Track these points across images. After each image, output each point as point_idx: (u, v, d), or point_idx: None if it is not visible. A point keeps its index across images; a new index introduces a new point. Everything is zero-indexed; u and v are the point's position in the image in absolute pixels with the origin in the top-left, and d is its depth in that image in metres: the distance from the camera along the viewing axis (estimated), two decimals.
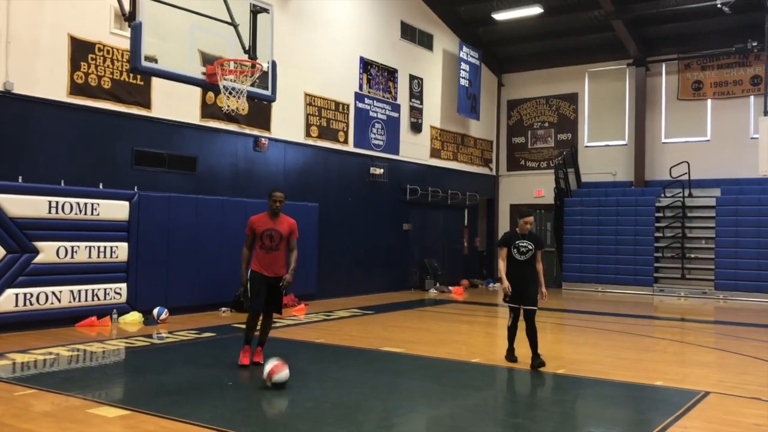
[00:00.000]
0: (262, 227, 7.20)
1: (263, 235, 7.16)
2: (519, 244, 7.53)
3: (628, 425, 5.47)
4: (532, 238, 7.58)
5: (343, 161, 15.07)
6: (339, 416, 5.43)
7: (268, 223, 7.23)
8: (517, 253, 7.51)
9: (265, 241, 7.16)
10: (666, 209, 17.54)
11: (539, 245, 7.63)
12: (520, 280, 7.51)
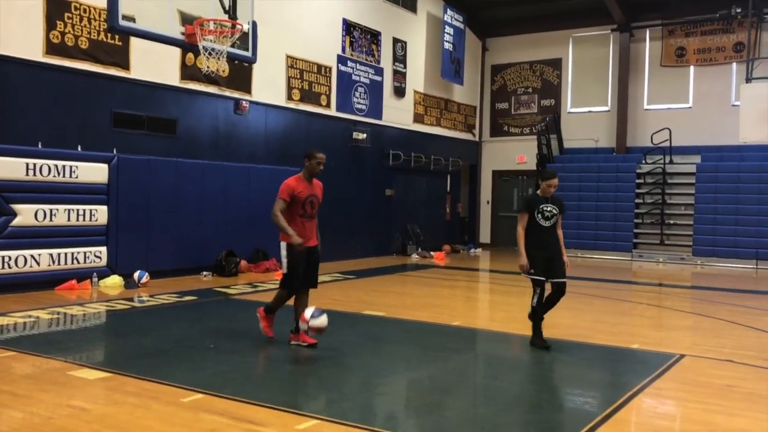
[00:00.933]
0: (305, 193, 6.45)
1: (306, 202, 6.44)
2: (543, 208, 6.70)
3: (606, 387, 5.57)
4: (556, 201, 6.82)
5: (326, 126, 14.96)
6: (319, 379, 5.46)
7: (308, 188, 6.50)
8: (542, 219, 6.68)
9: (307, 208, 6.48)
10: (647, 176, 17.66)
11: (563, 209, 6.89)
12: (545, 248, 6.67)
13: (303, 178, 6.53)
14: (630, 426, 4.54)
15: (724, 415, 4.71)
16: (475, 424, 4.59)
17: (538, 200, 6.76)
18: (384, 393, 5.25)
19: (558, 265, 6.66)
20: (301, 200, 6.43)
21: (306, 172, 6.54)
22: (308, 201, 6.47)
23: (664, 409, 4.93)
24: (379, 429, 4.30)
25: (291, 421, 4.36)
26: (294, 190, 6.41)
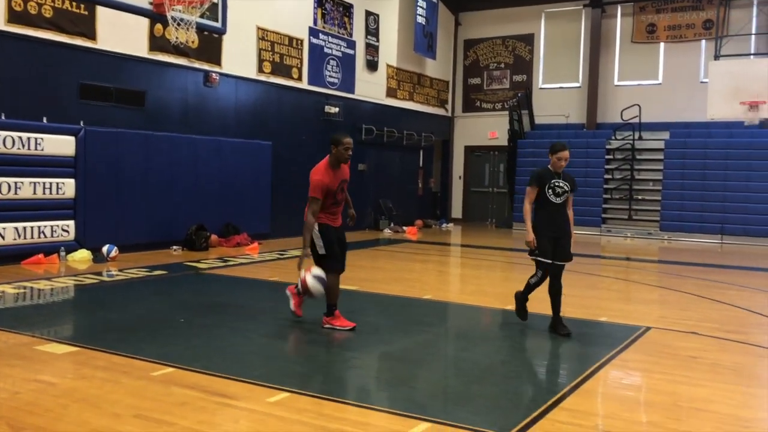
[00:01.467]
0: (335, 182, 6.17)
1: (337, 191, 6.21)
2: (555, 183, 6.24)
3: (574, 358, 5.66)
4: (567, 178, 6.37)
5: (297, 99, 14.82)
6: (292, 351, 5.48)
7: (337, 175, 6.22)
8: (553, 195, 6.23)
9: (338, 196, 6.25)
10: (616, 152, 17.84)
11: (575, 187, 6.43)
12: (554, 227, 6.26)
13: (330, 167, 6.16)
14: (597, 396, 4.64)
15: (688, 385, 4.82)
16: (446, 396, 4.65)
17: (550, 175, 6.28)
18: (355, 366, 5.28)
19: (564, 247, 6.26)
20: (333, 191, 6.14)
21: (333, 160, 6.19)
22: (339, 189, 6.20)
23: (630, 379, 5.04)
24: (350, 401, 4.33)
25: (263, 394, 4.37)
26: (325, 185, 6.07)
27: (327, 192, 6.10)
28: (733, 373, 5.11)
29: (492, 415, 4.16)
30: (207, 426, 3.84)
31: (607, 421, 4.15)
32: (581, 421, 4.06)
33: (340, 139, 6.17)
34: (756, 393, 4.68)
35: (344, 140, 6.16)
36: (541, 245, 6.23)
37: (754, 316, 7.41)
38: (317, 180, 6.05)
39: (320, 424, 3.88)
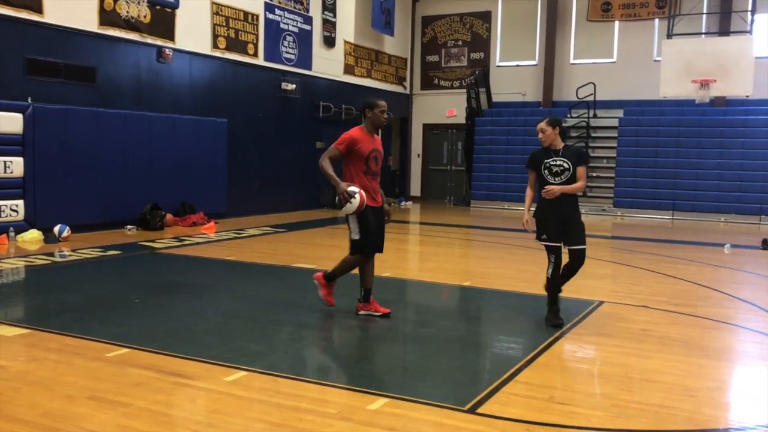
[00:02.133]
0: (369, 147, 5.72)
1: (370, 158, 5.71)
2: (551, 163, 5.78)
3: (528, 333, 5.76)
4: (569, 153, 5.81)
5: (253, 75, 14.61)
6: (249, 331, 5.46)
7: (371, 141, 5.77)
8: (550, 175, 5.77)
9: (371, 165, 5.76)
10: (571, 129, 18.06)
11: (581, 161, 5.79)
12: (556, 209, 5.75)
13: (366, 131, 5.79)
14: (551, 370, 4.73)
15: (639, 357, 4.96)
16: (404, 372, 4.69)
17: (543, 154, 5.86)
18: (314, 344, 5.29)
19: (576, 230, 5.78)
20: (365, 155, 5.69)
21: (369, 124, 5.80)
22: (372, 156, 5.74)
23: (584, 352, 5.15)
24: (308, 379, 4.34)
25: (220, 373, 4.35)
26: (357, 142, 5.65)
27: (357, 153, 5.66)
28: (681, 344, 5.27)
29: (449, 389, 4.22)
30: (164, 406, 3.81)
31: (561, 393, 4.24)
32: (536, 393, 4.15)
33: (374, 101, 5.82)
34: (703, 363, 4.84)
35: (379, 102, 5.80)
36: (547, 229, 5.79)
37: (702, 289, 7.64)
38: (348, 134, 5.71)
39: (277, 402, 3.88)
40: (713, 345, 5.36)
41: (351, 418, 3.67)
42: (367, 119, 5.84)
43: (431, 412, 3.80)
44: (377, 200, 5.87)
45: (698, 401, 4.09)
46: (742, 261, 9.93)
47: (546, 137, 5.79)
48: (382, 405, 3.86)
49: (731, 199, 15.80)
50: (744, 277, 8.67)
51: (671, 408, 3.97)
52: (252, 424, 3.56)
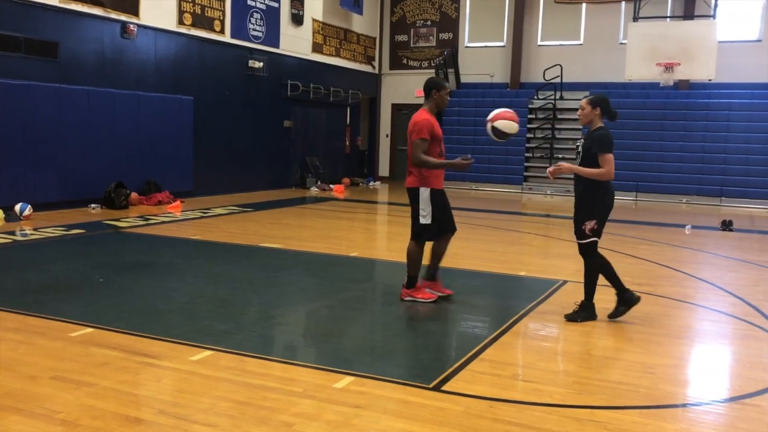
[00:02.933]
0: (440, 128, 5.65)
1: (442, 139, 5.68)
2: (577, 144, 5.46)
3: (493, 312, 5.84)
4: (590, 136, 5.26)
5: (220, 53, 14.42)
6: (215, 310, 5.44)
7: (437, 124, 5.67)
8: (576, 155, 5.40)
9: (442, 146, 5.68)
10: (538, 111, 18.21)
11: (597, 148, 5.14)
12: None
13: (431, 113, 5.65)
14: (515, 348, 4.82)
15: (600, 335, 5.07)
16: (371, 350, 4.73)
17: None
18: (281, 323, 5.30)
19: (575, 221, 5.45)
20: (440, 137, 5.62)
21: (433, 105, 5.68)
22: (441, 138, 5.66)
23: (547, 331, 5.25)
24: (274, 358, 4.35)
25: (186, 352, 4.34)
26: (434, 126, 5.52)
27: (434, 137, 5.54)
28: (642, 323, 5.39)
29: (414, 368, 4.27)
30: (129, 385, 3.80)
31: (524, 370, 4.33)
32: (499, 371, 4.22)
33: (442, 82, 5.70)
34: (662, 341, 4.97)
35: (446, 84, 5.70)
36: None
37: (663, 269, 7.81)
38: (424, 120, 5.53)
39: (244, 381, 3.89)
40: (672, 323, 5.49)
41: (316, 396, 3.70)
42: (431, 100, 5.71)
43: (397, 389, 3.84)
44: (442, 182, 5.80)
45: (657, 378, 4.20)
46: (703, 241, 10.17)
47: (583, 115, 5.30)
48: (348, 383, 3.89)
49: (693, 181, 16.12)
50: (704, 258, 8.88)
51: (631, 384, 4.08)
52: (218, 403, 3.57)
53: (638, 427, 3.46)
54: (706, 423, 3.58)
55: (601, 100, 5.26)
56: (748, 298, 6.40)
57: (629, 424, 3.49)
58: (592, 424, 3.47)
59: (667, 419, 3.60)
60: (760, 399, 3.90)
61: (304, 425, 3.33)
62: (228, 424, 3.33)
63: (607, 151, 5.12)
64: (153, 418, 3.38)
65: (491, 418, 3.50)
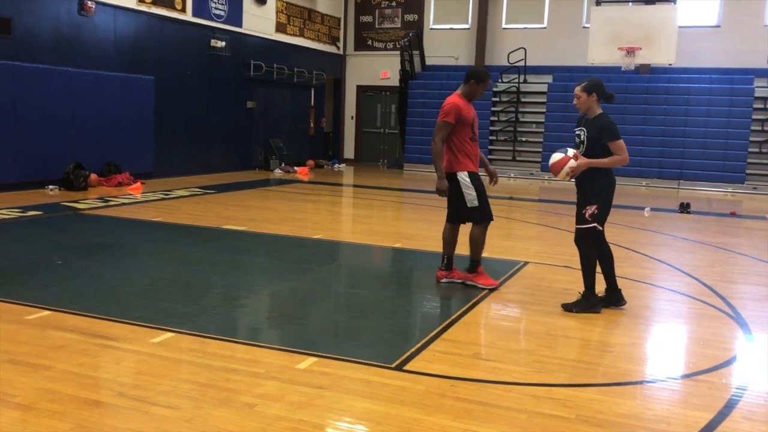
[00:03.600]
0: (471, 112, 5.63)
1: (474, 123, 5.63)
2: (576, 132, 5.32)
3: (455, 292, 5.88)
4: (591, 123, 5.16)
5: (181, 31, 14.15)
6: (176, 292, 5.39)
7: (470, 107, 5.66)
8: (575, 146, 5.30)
9: (476, 130, 5.66)
10: (502, 94, 18.29)
11: (608, 135, 5.04)
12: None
13: (464, 98, 5.65)
14: (476, 327, 4.87)
15: (560, 315, 5.14)
16: (335, 331, 4.74)
17: (578, 121, 5.35)
18: (244, 305, 5.27)
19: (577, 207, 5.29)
20: (470, 121, 5.57)
21: (468, 93, 5.65)
22: (475, 121, 5.65)
23: (508, 311, 5.31)
24: (237, 339, 4.33)
25: (146, 335, 4.29)
26: (462, 109, 5.52)
27: (462, 120, 5.54)
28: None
29: (377, 348, 4.29)
30: (87, 368, 3.75)
31: (485, 349, 4.38)
32: (461, 350, 4.27)
33: (486, 75, 5.67)
34: (619, 321, 5.07)
35: (488, 79, 5.71)
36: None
37: (622, 250, 7.94)
38: (452, 103, 5.54)
39: (205, 363, 3.87)
40: (630, 303, 5.59)
41: (279, 377, 3.70)
42: (469, 87, 5.66)
43: (359, 370, 3.86)
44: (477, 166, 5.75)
45: (614, 356, 4.29)
46: (661, 224, 10.37)
47: (580, 104, 5.18)
48: (311, 364, 3.90)
49: (653, 164, 16.40)
50: (662, 239, 9.06)
51: (589, 363, 4.16)
52: (179, 385, 3.55)
53: (595, 404, 3.53)
54: (662, 399, 3.67)
55: (596, 85, 5.16)
56: (703, 278, 6.56)
57: (587, 401, 3.57)
58: (551, 401, 3.54)
59: (624, 396, 3.68)
60: (712, 375, 4.01)
61: (266, 406, 3.33)
62: (189, 405, 3.31)
63: (618, 137, 5.06)
64: (112, 401, 3.35)
65: (452, 396, 3.54)
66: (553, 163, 5.21)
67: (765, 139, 15.90)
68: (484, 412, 3.36)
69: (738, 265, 7.40)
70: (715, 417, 3.41)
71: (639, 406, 3.55)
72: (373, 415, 3.30)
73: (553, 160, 5.21)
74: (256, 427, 3.11)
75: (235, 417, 3.20)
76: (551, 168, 5.25)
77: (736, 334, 4.88)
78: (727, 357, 4.36)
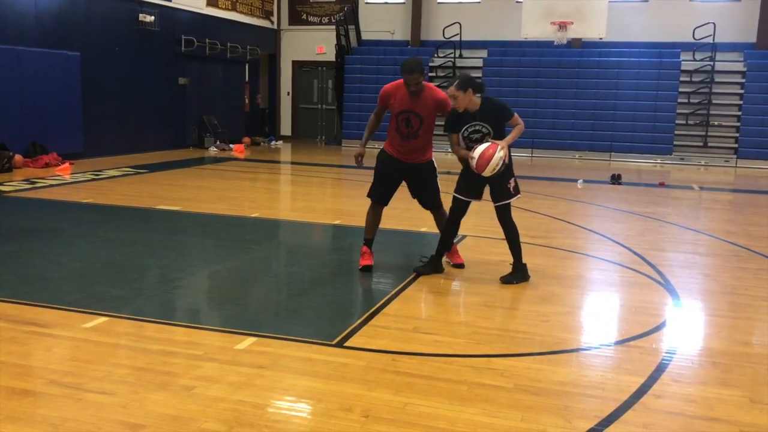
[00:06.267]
0: (398, 105, 5.43)
1: (399, 118, 5.48)
2: (470, 129, 5.29)
3: (396, 268, 5.91)
4: (483, 113, 5.23)
5: (108, 6, 13.62)
6: (110, 275, 5.24)
7: (405, 99, 5.41)
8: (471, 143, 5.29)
9: (401, 126, 5.50)
10: (438, 69, 18.33)
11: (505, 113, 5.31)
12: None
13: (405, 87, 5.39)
14: (416, 302, 4.91)
15: (497, 286, 5.24)
16: (275, 310, 4.70)
17: (462, 120, 5.29)
18: (180, 287, 5.16)
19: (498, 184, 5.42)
20: (394, 113, 5.46)
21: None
22: (401, 117, 5.44)
23: (446, 284, 5.37)
24: (174, 322, 4.25)
25: (78, 320, 4.16)
26: (385, 99, 5.48)
27: (387, 108, 5.54)
28: (536, 274, 5.60)
29: (318, 325, 4.28)
30: (17, 356, 3.61)
31: (425, 323, 4.42)
32: (401, 324, 4.29)
33: (404, 69, 5.34)
34: (555, 291, 5.19)
35: (408, 72, 5.30)
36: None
37: (557, 222, 8.13)
38: (384, 87, 5.59)
39: (142, 347, 3.78)
40: (566, 273, 5.74)
41: (218, 358, 3.65)
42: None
43: (300, 348, 3.84)
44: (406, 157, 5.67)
45: (551, 325, 4.40)
46: (593, 195, 10.64)
47: (458, 103, 5.14)
48: (251, 344, 3.86)
49: (585, 137, 16.78)
50: (594, 210, 9.30)
51: (527, 333, 4.25)
52: (114, 370, 3.46)
53: (532, 372, 3.62)
54: (595, 365, 3.79)
55: (467, 80, 5.16)
56: (634, 247, 6.77)
57: (524, 370, 3.64)
58: (489, 371, 3.60)
59: (560, 364, 3.78)
60: (643, 341, 4.16)
61: (204, 388, 3.28)
62: (125, 390, 3.23)
63: (512, 110, 5.35)
64: (43, 389, 3.24)
65: (393, 371, 3.56)
66: (484, 155, 5.05)
67: (691, 111, 16.47)
68: (425, 385, 3.40)
69: (667, 234, 7.67)
70: (646, 381, 3.54)
71: (574, 373, 3.66)
72: (314, 393, 3.29)
73: (482, 153, 5.06)
74: (195, 409, 3.06)
75: (173, 400, 3.14)
76: (480, 163, 5.06)
77: (665, 300, 5.07)
78: (657, 323, 4.53)
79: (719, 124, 16.42)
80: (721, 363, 3.83)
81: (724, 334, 4.36)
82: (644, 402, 3.30)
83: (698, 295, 5.31)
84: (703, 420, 3.14)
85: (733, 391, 3.45)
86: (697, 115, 16.48)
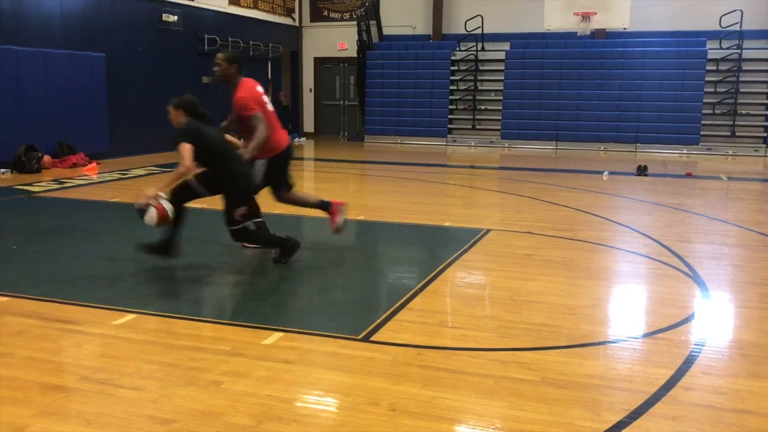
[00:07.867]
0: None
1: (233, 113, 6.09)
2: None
3: (420, 262, 5.92)
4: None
5: (131, 6, 13.76)
6: (137, 273, 5.30)
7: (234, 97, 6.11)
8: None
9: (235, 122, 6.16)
10: (460, 63, 18.25)
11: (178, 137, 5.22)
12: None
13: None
14: (441, 296, 4.90)
15: (523, 280, 5.21)
16: (301, 306, 4.72)
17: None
18: (207, 284, 5.21)
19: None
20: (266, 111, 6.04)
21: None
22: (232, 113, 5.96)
23: (472, 278, 5.36)
24: (201, 318, 4.29)
25: (108, 317, 4.22)
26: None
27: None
28: (563, 267, 5.57)
29: (343, 321, 4.29)
30: (48, 353, 3.68)
31: (451, 317, 4.41)
32: (426, 319, 4.29)
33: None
34: (582, 284, 5.15)
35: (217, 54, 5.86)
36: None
37: (582, 214, 8.06)
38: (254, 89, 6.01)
39: (170, 343, 3.83)
40: (592, 266, 5.70)
41: (245, 353, 3.68)
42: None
43: (326, 343, 3.86)
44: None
45: (577, 318, 4.37)
46: (619, 187, 10.53)
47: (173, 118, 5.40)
48: (277, 339, 3.89)
49: (610, 129, 16.60)
50: (620, 202, 9.21)
51: (553, 326, 4.22)
52: (143, 366, 3.51)
53: (559, 366, 3.60)
54: (623, 358, 3.76)
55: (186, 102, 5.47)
56: (661, 239, 6.69)
57: (551, 363, 3.63)
58: (516, 365, 3.59)
59: (587, 357, 3.76)
60: (671, 333, 4.11)
61: (232, 383, 3.31)
62: (154, 386, 3.27)
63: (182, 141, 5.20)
64: (76, 385, 3.29)
65: (419, 365, 3.56)
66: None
67: (718, 101, 16.21)
68: (451, 378, 3.40)
69: (694, 225, 7.57)
70: (674, 373, 3.50)
71: (602, 366, 3.63)
72: (340, 387, 3.31)
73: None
74: (224, 404, 3.09)
75: (202, 395, 3.18)
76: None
77: (693, 292, 5.01)
78: (686, 315, 4.48)
79: (747, 113, 16.14)
80: (751, 355, 3.78)
81: (755, 325, 4.29)
82: (673, 394, 3.26)
83: (727, 286, 5.24)
84: (734, 412, 3.10)
85: (764, 384, 3.41)
86: (724, 104, 16.23)
